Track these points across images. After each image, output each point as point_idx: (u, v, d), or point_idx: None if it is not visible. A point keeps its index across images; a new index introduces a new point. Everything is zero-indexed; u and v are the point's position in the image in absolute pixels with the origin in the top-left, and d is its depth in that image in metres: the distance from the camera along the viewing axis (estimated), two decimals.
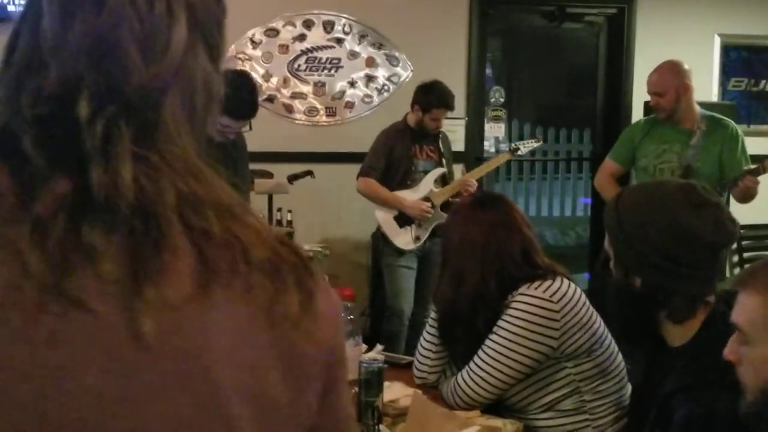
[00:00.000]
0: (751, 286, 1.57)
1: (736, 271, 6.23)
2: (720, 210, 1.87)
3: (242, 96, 3.52)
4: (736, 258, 6.37)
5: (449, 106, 4.80)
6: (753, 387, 1.55)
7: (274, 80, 5.80)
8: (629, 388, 2.40)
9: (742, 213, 5.40)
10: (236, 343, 0.68)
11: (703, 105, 4.60)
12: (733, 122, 4.48)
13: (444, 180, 4.95)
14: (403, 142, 4.84)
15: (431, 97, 4.77)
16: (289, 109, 5.85)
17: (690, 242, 1.83)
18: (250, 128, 3.70)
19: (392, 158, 4.82)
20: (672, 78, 4.33)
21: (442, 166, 4.93)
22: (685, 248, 1.84)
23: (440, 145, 4.95)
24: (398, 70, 5.97)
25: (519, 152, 5.28)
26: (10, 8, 4.82)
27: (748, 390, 1.56)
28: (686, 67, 4.40)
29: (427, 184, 4.86)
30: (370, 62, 5.93)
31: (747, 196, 4.21)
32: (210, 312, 0.68)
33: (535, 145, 5.46)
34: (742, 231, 6.19)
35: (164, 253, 0.66)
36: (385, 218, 4.85)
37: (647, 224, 1.87)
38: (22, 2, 0.69)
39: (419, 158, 4.87)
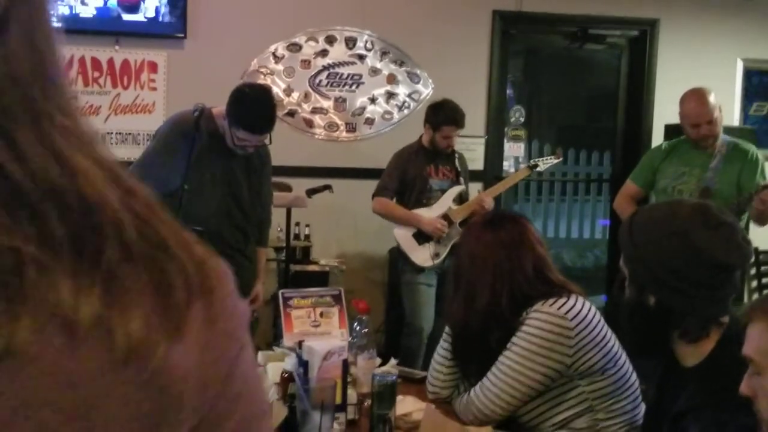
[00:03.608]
0: (756, 319, 1.58)
1: (755, 296, 6.18)
2: (734, 230, 1.86)
3: (259, 110, 3.54)
4: (755, 283, 6.32)
5: (458, 124, 4.82)
6: None
7: (296, 95, 5.84)
8: (643, 408, 2.39)
9: (762, 238, 5.39)
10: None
11: (724, 129, 4.59)
12: (753, 146, 4.47)
13: (462, 198, 4.95)
14: (417, 162, 4.86)
15: (440, 115, 4.81)
16: (310, 123, 5.88)
17: (703, 262, 1.82)
18: (270, 141, 3.73)
19: (406, 178, 4.85)
20: (713, 105, 4.34)
21: (459, 184, 4.93)
22: (698, 268, 1.83)
23: (457, 165, 4.96)
24: (419, 87, 6.00)
25: (538, 169, 5.24)
26: None
27: (766, 423, 1.55)
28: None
29: (446, 202, 4.87)
30: (391, 79, 5.96)
31: (764, 215, 4.17)
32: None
33: (555, 161, 5.35)
34: (761, 256, 6.16)
35: None
36: (403, 235, 4.86)
37: (661, 244, 1.87)
38: None
39: (434, 177, 4.89)
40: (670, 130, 5.42)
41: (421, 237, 4.83)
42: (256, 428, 0.63)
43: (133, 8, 5.53)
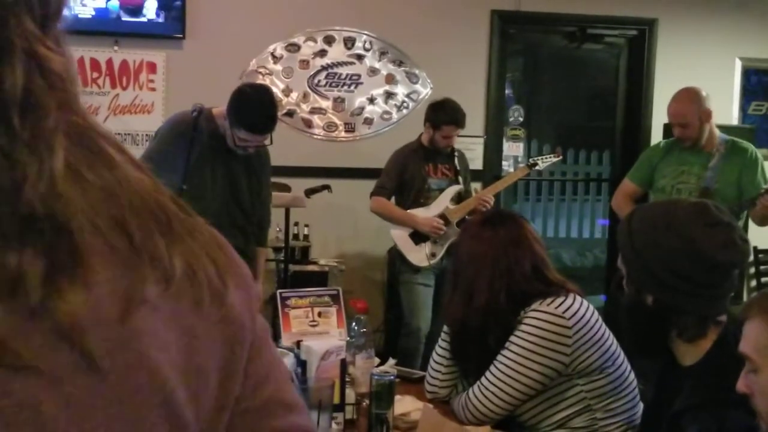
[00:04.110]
0: (753, 315, 1.58)
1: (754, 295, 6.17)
2: (732, 229, 1.86)
3: (261, 110, 3.54)
4: (754, 282, 6.32)
5: (459, 124, 4.81)
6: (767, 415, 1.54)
7: (294, 95, 5.84)
8: (641, 407, 2.39)
9: (762, 237, 5.39)
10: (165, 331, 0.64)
11: (722, 128, 4.60)
12: (752, 146, 4.47)
13: (460, 198, 4.95)
14: (416, 161, 4.86)
15: (441, 114, 4.80)
16: (309, 124, 5.88)
17: (701, 261, 1.82)
18: (271, 142, 3.73)
19: (405, 177, 4.84)
20: (694, 107, 4.33)
21: (458, 183, 4.93)
22: (695, 267, 1.83)
23: (456, 164, 4.95)
24: (418, 87, 6.00)
25: (537, 167, 5.23)
26: None
27: (764, 420, 1.55)
28: (704, 93, 4.39)
29: (443, 201, 4.87)
30: (390, 79, 5.96)
31: (766, 218, 4.18)
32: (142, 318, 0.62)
33: (554, 160, 5.34)
34: (760, 255, 6.15)
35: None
36: (400, 235, 4.86)
37: (659, 242, 1.87)
38: None
39: (433, 176, 4.89)
40: (669, 129, 5.41)
41: (418, 237, 4.82)
42: (279, 360, 0.79)
43: (136, 11, 5.53)
